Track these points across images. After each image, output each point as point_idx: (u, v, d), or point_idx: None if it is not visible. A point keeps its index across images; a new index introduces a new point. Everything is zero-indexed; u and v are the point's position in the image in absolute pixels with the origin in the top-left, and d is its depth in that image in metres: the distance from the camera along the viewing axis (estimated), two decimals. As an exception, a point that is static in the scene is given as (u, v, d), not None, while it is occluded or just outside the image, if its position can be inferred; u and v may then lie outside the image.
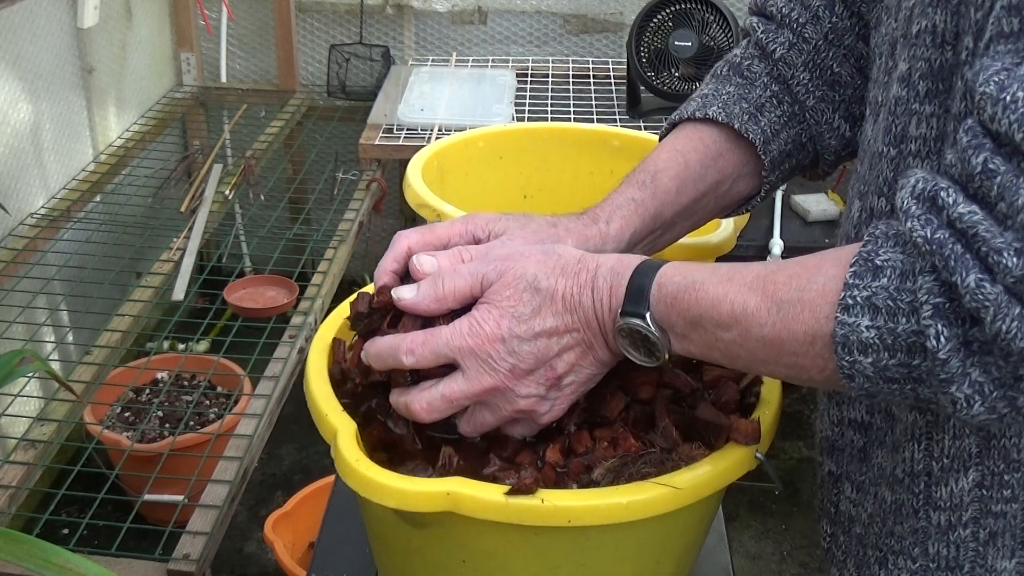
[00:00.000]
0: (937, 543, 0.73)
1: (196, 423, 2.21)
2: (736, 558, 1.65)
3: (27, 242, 2.14)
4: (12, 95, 2.19)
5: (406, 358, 0.72)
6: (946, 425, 0.71)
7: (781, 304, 0.63)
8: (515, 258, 0.73)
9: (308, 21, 3.05)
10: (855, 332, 0.59)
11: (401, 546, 0.80)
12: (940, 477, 0.72)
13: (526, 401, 0.73)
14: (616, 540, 0.73)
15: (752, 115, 0.87)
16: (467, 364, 0.72)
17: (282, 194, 2.77)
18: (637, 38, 2.46)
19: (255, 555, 2.33)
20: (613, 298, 0.70)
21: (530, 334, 0.71)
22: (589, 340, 0.72)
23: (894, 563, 0.76)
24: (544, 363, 0.72)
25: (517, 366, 0.71)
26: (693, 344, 0.69)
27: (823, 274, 0.62)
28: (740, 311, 0.65)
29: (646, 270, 0.70)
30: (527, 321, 0.71)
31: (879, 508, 0.78)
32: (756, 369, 0.69)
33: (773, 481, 0.76)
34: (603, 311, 0.71)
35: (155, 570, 1.38)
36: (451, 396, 0.73)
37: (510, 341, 0.71)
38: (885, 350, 0.59)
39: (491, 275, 0.73)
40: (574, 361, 0.73)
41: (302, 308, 1.98)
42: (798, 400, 2.87)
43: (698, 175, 0.87)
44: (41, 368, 1.11)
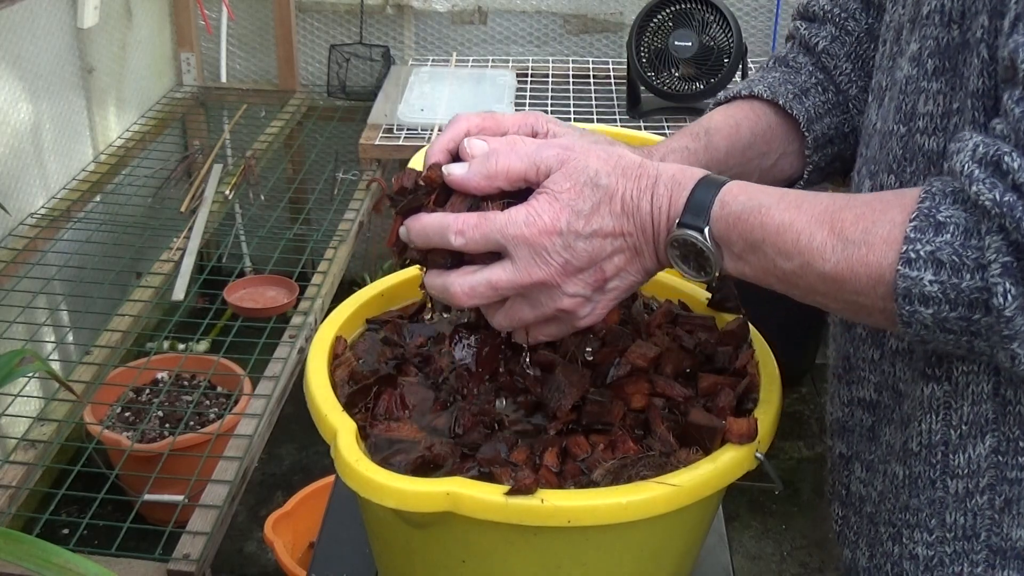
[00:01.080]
0: (955, 512, 0.74)
1: (196, 423, 2.21)
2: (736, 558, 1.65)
3: (27, 242, 2.14)
4: (12, 95, 2.19)
5: (455, 238, 0.70)
6: (965, 392, 0.71)
7: (847, 243, 0.64)
8: (576, 149, 0.71)
9: (308, 21, 3.05)
10: (918, 285, 0.61)
11: (401, 546, 0.80)
12: (958, 445, 0.73)
13: (571, 301, 0.71)
14: (616, 540, 0.73)
15: (797, 96, 0.89)
16: (519, 254, 0.69)
17: (282, 194, 2.77)
18: (637, 38, 2.46)
19: (255, 555, 2.33)
20: (672, 207, 0.69)
21: (588, 231, 0.69)
22: (640, 246, 0.71)
23: (909, 537, 0.77)
24: (595, 264, 0.70)
25: (570, 262, 0.70)
26: (748, 266, 0.69)
27: (889, 220, 0.63)
28: (806, 244, 0.65)
29: (709, 184, 0.69)
30: (586, 217, 0.69)
31: (890, 484, 0.78)
32: (812, 300, 0.68)
33: (773, 481, 0.76)
34: (660, 219, 0.70)
35: (155, 570, 1.38)
36: (497, 283, 0.70)
37: (567, 236, 0.69)
38: (947, 303, 0.61)
39: (550, 161, 0.70)
40: (622, 266, 0.71)
41: (302, 308, 1.98)
42: (798, 400, 2.87)
43: (747, 142, 0.88)
44: (41, 368, 1.11)
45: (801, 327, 2.71)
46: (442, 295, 0.73)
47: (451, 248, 0.71)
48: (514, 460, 0.74)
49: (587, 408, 0.79)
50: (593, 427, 0.78)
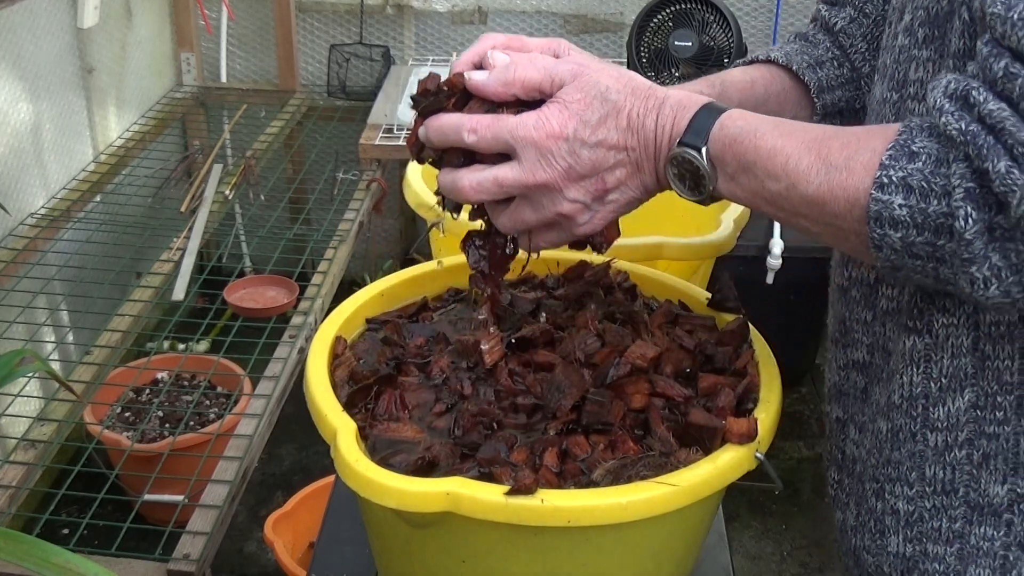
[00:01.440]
0: (934, 465, 0.76)
1: (196, 423, 2.21)
2: (736, 558, 1.65)
3: (27, 242, 2.14)
4: (12, 95, 2.19)
5: (468, 135, 0.74)
6: (945, 345, 0.74)
7: (831, 168, 0.67)
8: (590, 67, 0.75)
9: (308, 21, 3.05)
10: (888, 209, 0.64)
11: (401, 546, 0.80)
12: (938, 398, 0.75)
13: (571, 206, 0.75)
14: (616, 540, 0.73)
15: (811, 65, 0.93)
16: (526, 155, 0.73)
17: (282, 194, 2.77)
18: (637, 38, 2.46)
19: (255, 555, 2.33)
20: (675, 127, 0.73)
21: (593, 141, 0.73)
22: (641, 162, 0.75)
23: (891, 491, 0.79)
24: (597, 173, 0.74)
25: (573, 168, 0.73)
26: (739, 187, 0.72)
27: (870, 148, 0.66)
28: (793, 167, 0.69)
29: (712, 109, 0.74)
30: (593, 128, 0.73)
31: (875, 440, 0.80)
32: (795, 223, 0.72)
33: (773, 481, 0.76)
34: (663, 137, 0.74)
35: (155, 570, 1.38)
36: (503, 180, 0.74)
37: (573, 142, 0.73)
38: (914, 227, 0.64)
39: (564, 75, 0.74)
40: (623, 179, 0.75)
41: (302, 308, 1.98)
42: (798, 400, 2.87)
43: (760, 99, 0.91)
44: (41, 368, 1.11)
45: (801, 327, 2.71)
46: (452, 191, 0.77)
47: (464, 145, 0.75)
48: (514, 460, 0.74)
49: (587, 408, 0.79)
50: (593, 427, 0.78)
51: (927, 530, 0.78)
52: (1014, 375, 0.73)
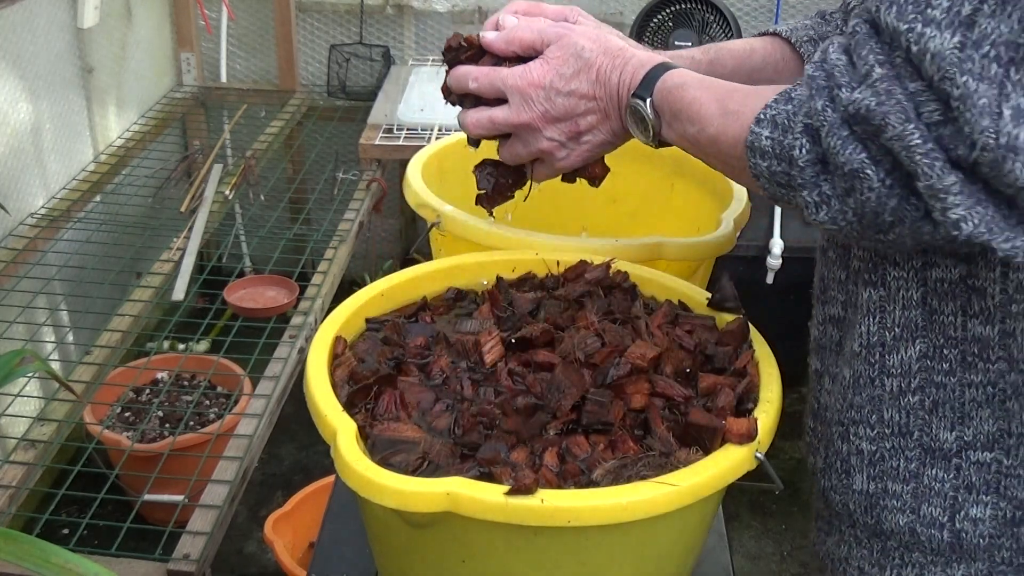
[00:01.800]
0: (890, 409, 0.82)
1: (196, 423, 2.21)
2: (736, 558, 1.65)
3: (27, 242, 2.14)
4: (12, 95, 2.19)
5: (471, 83, 0.93)
6: (896, 297, 0.80)
7: (727, 113, 0.79)
8: (575, 30, 0.92)
9: (308, 21, 3.05)
10: (759, 140, 0.74)
11: (401, 546, 0.80)
12: (892, 346, 0.81)
13: (548, 143, 0.91)
14: (616, 540, 0.73)
15: (812, 39, 1.02)
16: (512, 99, 0.91)
17: (282, 194, 2.77)
18: (637, 38, 2.46)
19: (255, 555, 2.33)
20: (632, 81, 0.87)
21: (566, 90, 0.89)
22: (608, 111, 0.89)
23: (855, 433, 0.84)
24: (570, 118, 0.90)
25: (548, 112, 0.90)
26: (673, 132, 0.85)
27: (763, 98, 0.76)
28: (703, 112, 0.81)
29: (662, 67, 0.87)
30: (567, 79, 0.89)
31: (840, 386, 0.86)
32: (709, 162, 0.84)
33: (773, 481, 0.76)
34: (623, 89, 0.88)
35: (155, 570, 1.38)
36: (494, 118, 0.92)
37: (549, 90, 0.89)
38: (774, 157, 0.73)
39: (551, 36, 0.91)
40: (594, 124, 0.90)
41: (302, 308, 1.98)
42: (798, 400, 2.86)
43: (756, 66, 1.02)
44: (41, 368, 1.11)
45: (801, 327, 2.70)
46: (461, 126, 0.96)
47: (469, 90, 0.93)
48: (514, 460, 0.74)
49: (587, 408, 0.79)
50: (593, 427, 0.78)
51: (887, 469, 0.83)
52: (957, 330, 0.78)
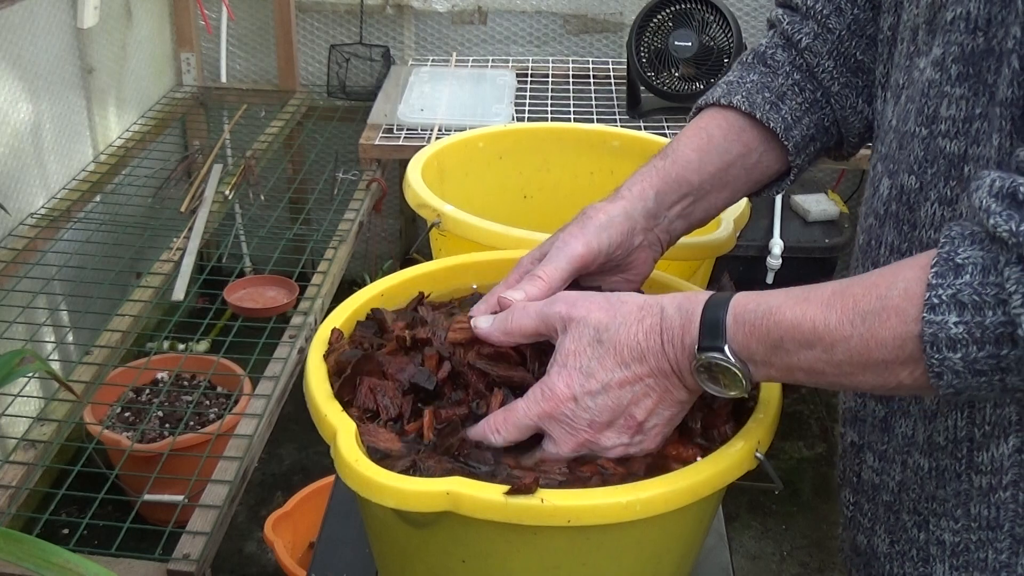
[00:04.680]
0: (979, 504, 0.76)
1: (196, 423, 2.21)
2: (736, 558, 1.65)
3: (27, 242, 2.14)
4: (12, 95, 2.19)
5: (495, 438, 0.76)
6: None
7: (864, 315, 0.65)
8: (579, 306, 0.75)
9: (308, 21, 3.05)
10: (943, 329, 0.61)
11: (401, 546, 0.80)
12: (982, 443, 0.75)
13: (614, 451, 0.75)
14: (616, 540, 0.73)
15: (774, 104, 0.91)
16: (550, 428, 0.75)
17: (282, 194, 2.77)
18: (637, 38, 2.46)
19: (255, 555, 2.33)
20: (687, 336, 0.71)
21: (598, 388, 0.73)
22: (663, 384, 0.73)
23: (936, 524, 0.79)
24: (621, 413, 0.74)
25: (595, 420, 0.74)
26: (775, 368, 0.70)
27: (902, 279, 0.64)
28: (822, 328, 0.66)
29: (717, 303, 0.71)
30: (594, 375, 0.73)
31: (914, 476, 0.80)
32: (840, 383, 0.69)
33: (773, 481, 0.76)
34: (676, 351, 0.72)
35: (155, 570, 1.38)
36: (550, 458, 0.76)
37: (582, 399, 0.73)
38: (974, 343, 0.61)
39: (554, 319, 0.76)
40: (652, 407, 0.74)
41: (302, 308, 1.98)
42: (798, 400, 2.87)
43: (722, 147, 0.91)
44: (41, 368, 1.11)
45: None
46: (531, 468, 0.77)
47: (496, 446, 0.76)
48: (505, 462, 0.74)
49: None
50: None
51: (973, 560, 0.78)
52: None
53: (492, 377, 0.80)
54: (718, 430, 0.79)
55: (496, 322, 0.79)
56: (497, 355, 0.80)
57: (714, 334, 0.70)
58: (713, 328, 0.70)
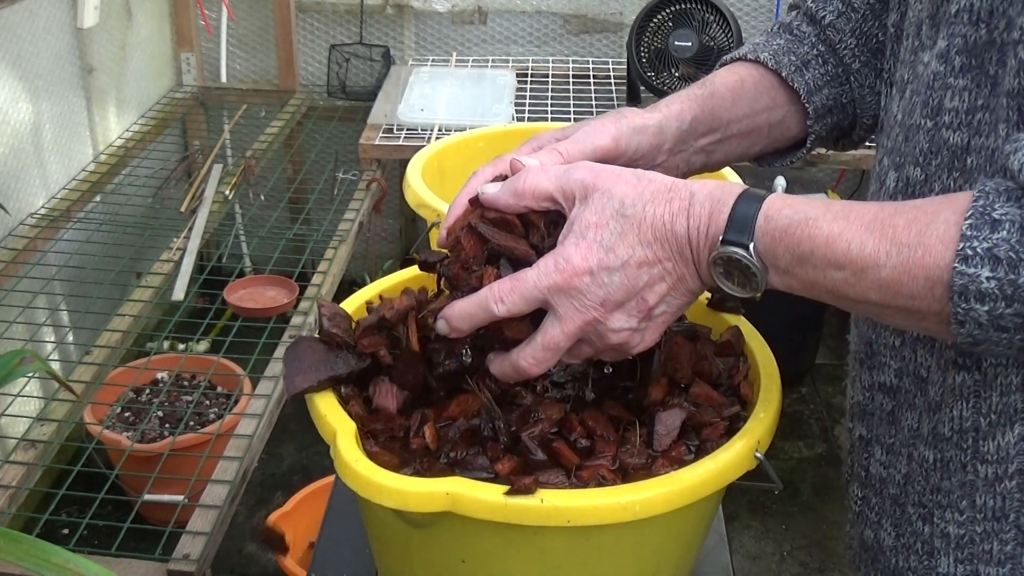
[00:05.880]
0: (984, 495, 0.76)
1: (196, 423, 2.21)
2: (736, 558, 1.65)
3: (27, 242, 2.14)
4: (12, 95, 2.19)
5: (497, 307, 0.71)
6: (994, 383, 0.73)
7: (902, 247, 0.64)
8: (603, 176, 0.71)
9: (308, 21, 3.05)
10: (975, 282, 0.61)
11: (401, 546, 0.80)
12: (987, 432, 0.74)
13: (618, 336, 0.71)
14: (616, 540, 0.73)
15: (798, 68, 0.91)
16: (558, 303, 0.70)
17: (282, 194, 2.77)
18: (637, 38, 2.46)
19: (255, 555, 2.33)
20: (713, 225, 0.68)
21: (618, 264, 0.69)
22: (680, 271, 0.70)
23: (940, 516, 0.79)
24: (635, 295, 0.70)
25: (608, 299, 0.70)
26: (796, 280, 0.68)
27: (943, 220, 0.63)
28: (857, 252, 0.65)
29: (751, 198, 0.69)
30: (613, 250, 0.69)
31: (919, 468, 0.80)
32: (862, 310, 0.69)
33: (773, 481, 0.76)
34: (699, 238, 0.69)
35: (155, 570, 1.38)
36: (552, 344, 0.71)
37: (599, 274, 0.69)
38: (1003, 299, 0.61)
39: (574, 186, 0.71)
40: (665, 292, 0.71)
41: (302, 308, 1.98)
42: (798, 400, 2.87)
43: (752, 95, 0.90)
44: (41, 368, 1.11)
45: (801, 327, 2.71)
46: (513, 376, 0.74)
47: (496, 317, 0.71)
48: (498, 471, 0.74)
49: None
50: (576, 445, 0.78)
51: (979, 552, 0.77)
52: None
53: (491, 246, 0.73)
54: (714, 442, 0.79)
55: (506, 183, 0.73)
56: (501, 221, 0.73)
57: (741, 229, 0.68)
58: (742, 223, 0.68)
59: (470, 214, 0.75)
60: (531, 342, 0.72)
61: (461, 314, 0.73)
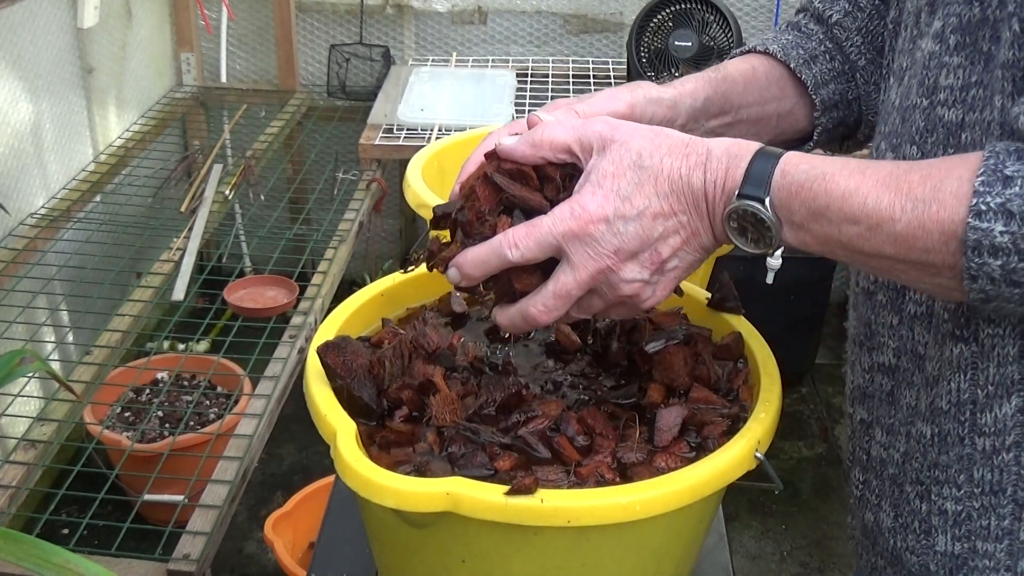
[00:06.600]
0: (982, 468, 0.76)
1: (196, 423, 2.21)
2: (736, 558, 1.65)
3: (27, 242, 2.14)
4: (12, 95, 2.19)
5: (512, 252, 0.71)
6: (991, 354, 0.74)
7: (917, 202, 0.65)
8: (622, 128, 0.72)
9: (308, 21, 3.05)
10: (988, 237, 0.62)
11: (401, 546, 0.80)
12: (985, 404, 0.75)
13: (630, 287, 0.72)
14: (616, 540, 0.73)
15: (806, 61, 0.93)
16: (572, 250, 0.70)
17: (282, 194, 2.77)
18: (637, 38, 2.46)
19: (255, 555, 2.33)
20: (729, 180, 0.69)
21: (633, 213, 0.70)
22: (695, 225, 0.71)
23: (938, 493, 0.79)
24: (649, 245, 0.71)
25: (621, 248, 0.70)
26: (811, 236, 0.69)
27: (956, 176, 0.64)
28: (873, 207, 0.66)
29: (768, 155, 0.70)
30: (630, 199, 0.70)
31: (916, 444, 0.80)
32: (875, 264, 0.69)
33: (773, 481, 0.76)
34: (715, 192, 0.70)
35: (155, 570, 1.38)
36: (563, 290, 0.71)
37: (614, 222, 0.70)
38: (1016, 254, 0.62)
39: (592, 137, 0.72)
40: (678, 245, 0.71)
41: (302, 308, 1.98)
42: (798, 400, 2.87)
43: (763, 84, 0.92)
44: (41, 368, 1.11)
45: (801, 327, 2.71)
46: (521, 325, 0.74)
47: (510, 263, 0.71)
48: (498, 468, 0.74)
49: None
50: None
51: (976, 528, 0.78)
52: None
53: (506, 196, 0.73)
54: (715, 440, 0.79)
55: (524, 135, 0.74)
56: (517, 173, 0.74)
57: (757, 184, 0.68)
58: (759, 178, 0.69)
59: (486, 167, 0.75)
60: (541, 290, 0.72)
61: (474, 260, 0.73)
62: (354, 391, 0.77)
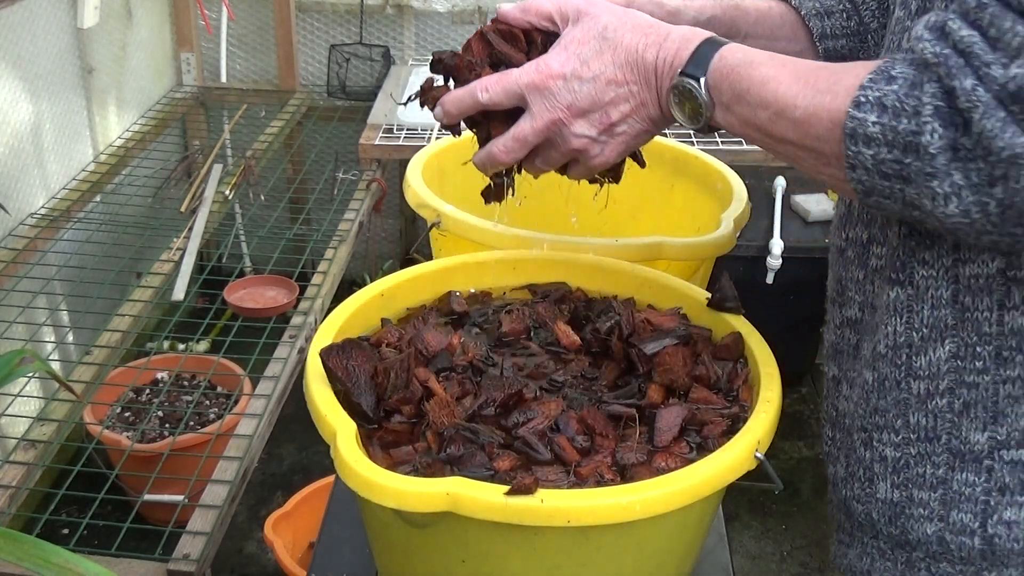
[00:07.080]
0: (917, 413, 0.79)
1: (196, 423, 2.21)
2: (736, 558, 1.65)
3: (27, 242, 2.14)
4: (12, 95, 2.19)
5: (482, 95, 0.82)
6: (925, 296, 0.77)
7: (817, 92, 0.71)
8: (597, 5, 0.82)
9: (308, 21, 3.05)
10: (863, 126, 0.67)
11: (401, 546, 0.80)
12: (920, 347, 0.78)
13: (579, 141, 0.81)
14: (616, 540, 0.73)
15: (819, 13, 0.98)
16: (532, 100, 0.80)
17: (282, 194, 2.77)
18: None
19: (255, 555, 2.33)
20: (677, 59, 0.78)
21: (589, 76, 0.79)
22: (644, 95, 0.80)
23: (878, 439, 0.82)
24: (600, 108, 0.80)
25: (574, 104, 0.80)
26: (733, 116, 0.76)
27: (854, 74, 0.70)
28: (783, 93, 0.72)
29: (714, 42, 0.78)
30: (588, 63, 0.79)
31: (862, 391, 0.83)
32: (781, 150, 0.75)
33: (773, 481, 0.76)
34: (663, 68, 0.78)
35: (155, 570, 1.38)
36: (521, 135, 0.82)
37: (570, 80, 0.79)
38: (885, 144, 0.66)
39: (569, 9, 0.82)
40: (628, 112, 0.80)
41: (302, 308, 1.98)
42: (798, 400, 2.87)
43: (776, 23, 0.98)
44: (41, 368, 1.11)
45: (801, 327, 2.70)
46: (489, 165, 0.85)
47: (480, 105, 0.82)
48: (497, 468, 0.74)
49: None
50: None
51: (913, 476, 0.80)
52: (992, 326, 0.75)
53: (494, 51, 0.84)
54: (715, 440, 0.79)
55: (519, 2, 0.85)
56: (509, 35, 0.85)
57: (698, 65, 0.77)
58: (701, 59, 0.77)
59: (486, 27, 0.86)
60: (504, 135, 0.83)
61: (453, 99, 0.84)
62: (353, 397, 0.78)
